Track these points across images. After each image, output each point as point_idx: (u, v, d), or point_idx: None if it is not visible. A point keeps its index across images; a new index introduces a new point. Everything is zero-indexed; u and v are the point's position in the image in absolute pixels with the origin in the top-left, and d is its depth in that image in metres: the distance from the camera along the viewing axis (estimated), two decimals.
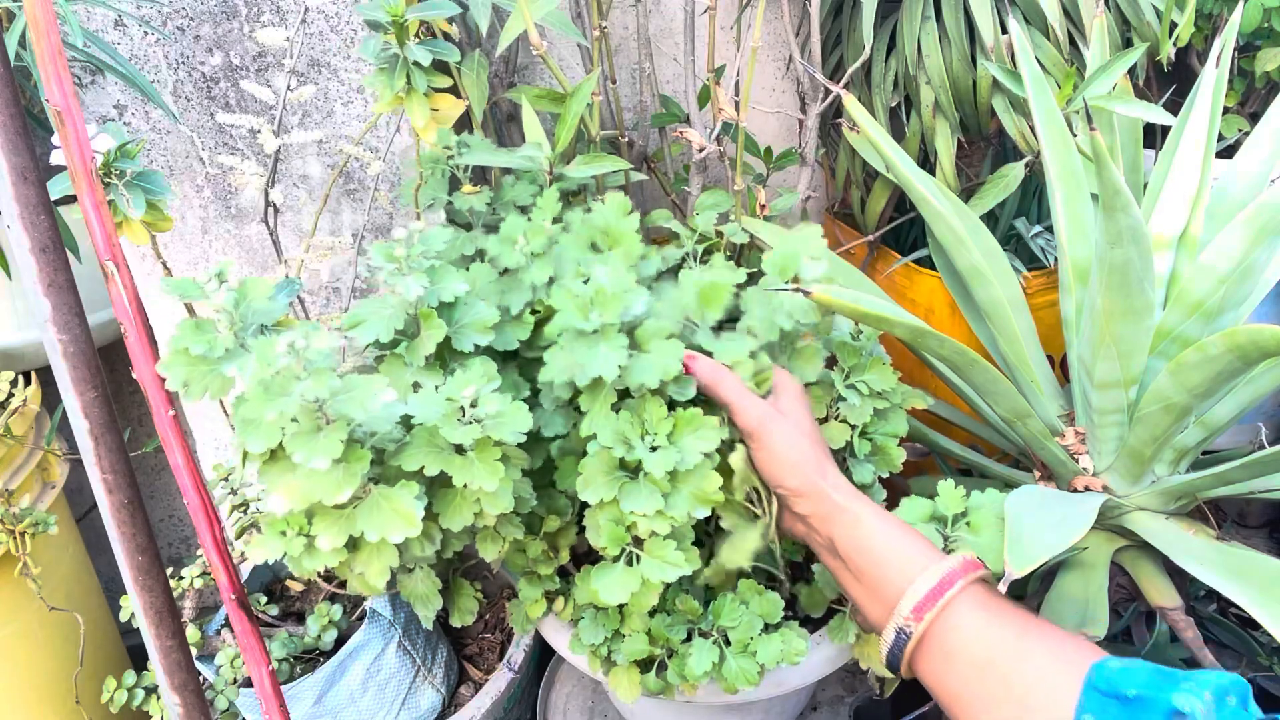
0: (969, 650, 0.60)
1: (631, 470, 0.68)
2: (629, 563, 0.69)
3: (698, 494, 0.67)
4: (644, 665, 0.80)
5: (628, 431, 0.68)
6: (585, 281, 0.69)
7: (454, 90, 0.90)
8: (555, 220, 0.80)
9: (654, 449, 0.67)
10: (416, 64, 0.70)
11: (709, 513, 0.68)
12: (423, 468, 0.62)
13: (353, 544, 0.62)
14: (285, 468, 0.58)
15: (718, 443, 0.69)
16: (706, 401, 0.72)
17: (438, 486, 0.66)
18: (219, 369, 0.61)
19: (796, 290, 0.74)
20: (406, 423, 0.64)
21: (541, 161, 0.87)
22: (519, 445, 0.67)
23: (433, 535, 0.66)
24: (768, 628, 0.79)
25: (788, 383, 0.74)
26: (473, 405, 0.62)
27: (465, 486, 0.62)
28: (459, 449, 0.63)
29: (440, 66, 0.73)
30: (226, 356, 0.61)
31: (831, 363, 0.84)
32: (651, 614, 0.80)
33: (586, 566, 0.74)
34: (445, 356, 0.72)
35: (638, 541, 0.69)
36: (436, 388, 0.64)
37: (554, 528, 0.80)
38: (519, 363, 0.80)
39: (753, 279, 0.80)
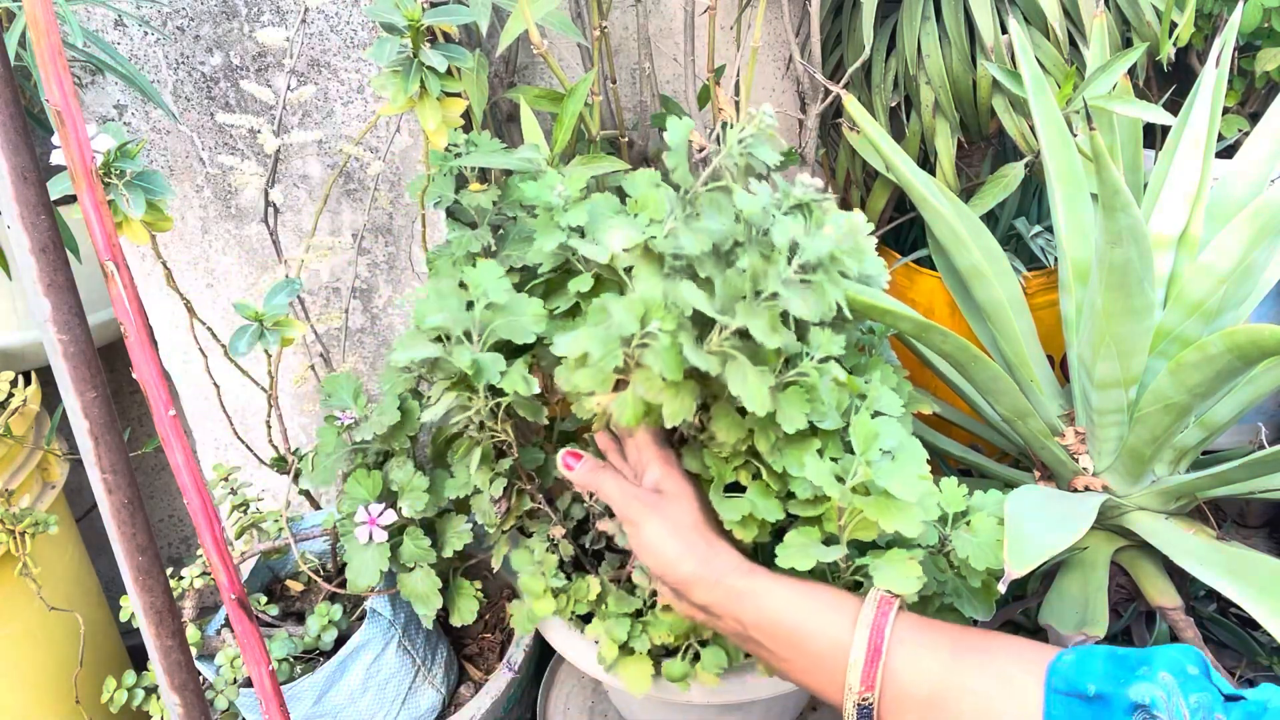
0: (914, 693, 0.58)
1: None
2: None
3: None
4: (667, 653, 0.80)
5: None
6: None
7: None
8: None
9: None
10: (430, 68, 0.70)
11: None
12: None
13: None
14: None
15: None
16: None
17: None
18: None
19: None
20: None
21: (539, 162, 0.87)
22: None
23: None
24: None
25: (669, 468, 0.70)
26: None
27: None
28: None
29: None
30: None
31: None
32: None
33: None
34: None
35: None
36: None
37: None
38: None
39: None
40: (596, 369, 0.61)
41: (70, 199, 0.61)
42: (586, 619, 0.85)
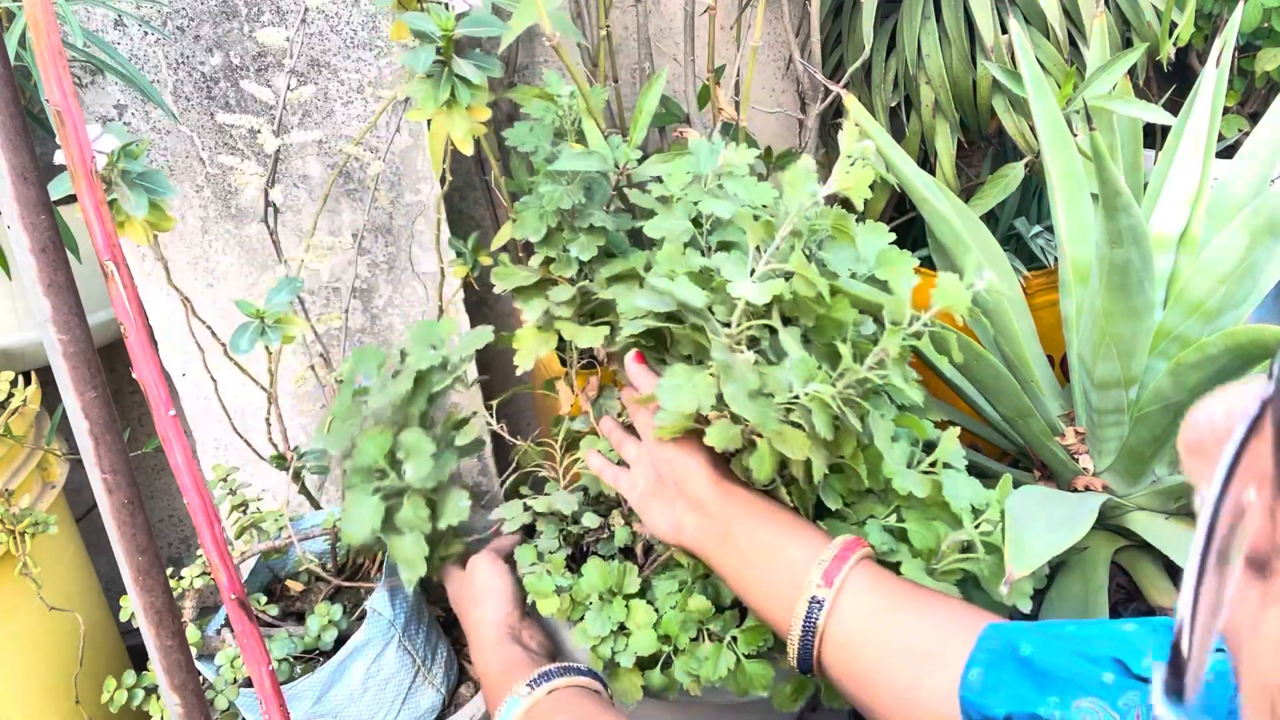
0: (867, 624, 0.61)
1: None
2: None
3: None
4: (647, 663, 0.80)
5: None
6: None
7: None
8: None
9: None
10: (462, 79, 0.70)
11: None
12: None
13: None
14: None
15: None
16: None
17: None
18: None
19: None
20: None
21: (609, 161, 0.84)
22: None
23: None
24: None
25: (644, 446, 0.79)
26: None
27: None
28: None
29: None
30: None
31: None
32: (658, 613, 0.80)
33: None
34: None
35: None
36: None
37: None
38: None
39: None
40: (685, 415, 0.68)
41: (70, 199, 0.61)
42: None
